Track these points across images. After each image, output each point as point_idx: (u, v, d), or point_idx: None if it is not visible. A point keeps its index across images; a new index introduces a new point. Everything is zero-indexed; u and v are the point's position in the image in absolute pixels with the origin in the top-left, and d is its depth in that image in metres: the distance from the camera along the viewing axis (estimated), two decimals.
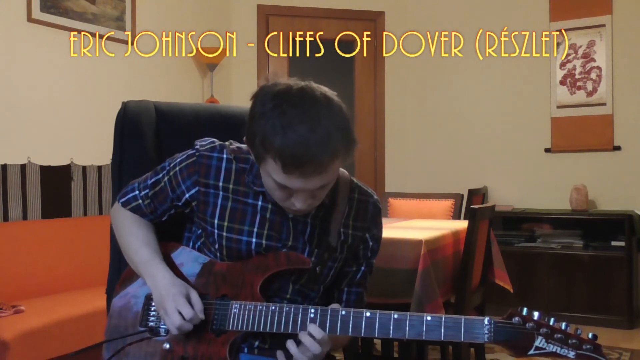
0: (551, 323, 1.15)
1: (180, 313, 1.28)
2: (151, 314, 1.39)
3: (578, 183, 4.57)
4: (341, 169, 1.44)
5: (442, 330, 1.19)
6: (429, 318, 1.20)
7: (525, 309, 1.17)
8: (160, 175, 1.43)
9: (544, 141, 4.85)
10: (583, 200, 4.48)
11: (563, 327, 1.15)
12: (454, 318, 1.20)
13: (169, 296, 1.30)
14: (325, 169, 1.19)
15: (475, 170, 5.09)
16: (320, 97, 1.21)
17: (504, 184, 5.01)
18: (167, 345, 1.33)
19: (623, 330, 4.11)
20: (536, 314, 1.16)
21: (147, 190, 1.43)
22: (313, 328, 1.25)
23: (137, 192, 1.45)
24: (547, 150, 4.84)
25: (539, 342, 1.15)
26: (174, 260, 1.42)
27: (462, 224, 2.78)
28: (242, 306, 1.31)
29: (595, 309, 4.21)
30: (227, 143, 1.40)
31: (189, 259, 1.41)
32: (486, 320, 1.17)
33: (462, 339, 1.18)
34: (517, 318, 1.16)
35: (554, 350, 1.14)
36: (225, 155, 1.37)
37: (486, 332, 1.17)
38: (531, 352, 1.15)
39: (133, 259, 1.42)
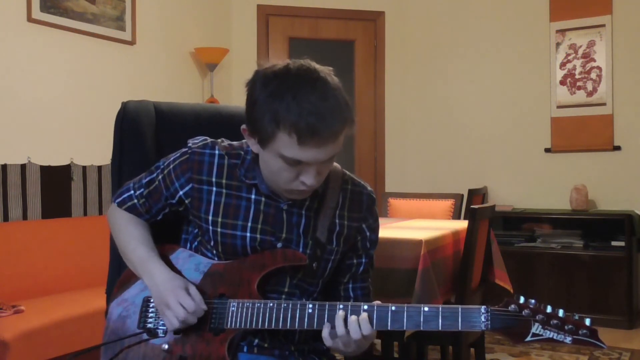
0: (548, 310, 1.17)
1: (182, 306, 1.28)
2: (149, 316, 1.38)
3: (578, 183, 4.57)
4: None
5: (440, 321, 1.21)
6: (426, 309, 1.22)
7: (522, 297, 1.19)
8: (155, 174, 1.44)
9: (544, 141, 4.85)
10: (583, 200, 4.48)
11: (559, 314, 1.17)
12: (451, 308, 1.21)
13: (170, 290, 1.31)
14: (337, 136, 1.23)
15: (475, 170, 5.09)
16: (321, 71, 1.25)
17: (504, 184, 5.01)
18: (166, 346, 1.33)
19: (623, 330, 4.10)
20: (532, 302, 1.19)
21: (142, 190, 1.45)
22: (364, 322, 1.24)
23: (132, 191, 1.46)
24: (547, 150, 4.84)
25: (536, 328, 1.17)
26: (171, 261, 1.42)
27: (462, 224, 2.78)
28: (240, 304, 1.31)
29: (595, 309, 4.20)
30: (218, 140, 1.42)
31: (185, 259, 1.42)
32: (483, 308, 1.19)
33: (460, 328, 1.20)
34: (513, 306, 1.18)
35: (550, 336, 1.17)
36: (217, 152, 1.39)
37: (483, 320, 1.19)
38: (528, 338, 1.17)
39: (130, 258, 1.42)
